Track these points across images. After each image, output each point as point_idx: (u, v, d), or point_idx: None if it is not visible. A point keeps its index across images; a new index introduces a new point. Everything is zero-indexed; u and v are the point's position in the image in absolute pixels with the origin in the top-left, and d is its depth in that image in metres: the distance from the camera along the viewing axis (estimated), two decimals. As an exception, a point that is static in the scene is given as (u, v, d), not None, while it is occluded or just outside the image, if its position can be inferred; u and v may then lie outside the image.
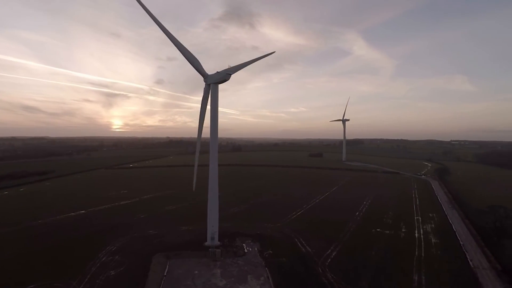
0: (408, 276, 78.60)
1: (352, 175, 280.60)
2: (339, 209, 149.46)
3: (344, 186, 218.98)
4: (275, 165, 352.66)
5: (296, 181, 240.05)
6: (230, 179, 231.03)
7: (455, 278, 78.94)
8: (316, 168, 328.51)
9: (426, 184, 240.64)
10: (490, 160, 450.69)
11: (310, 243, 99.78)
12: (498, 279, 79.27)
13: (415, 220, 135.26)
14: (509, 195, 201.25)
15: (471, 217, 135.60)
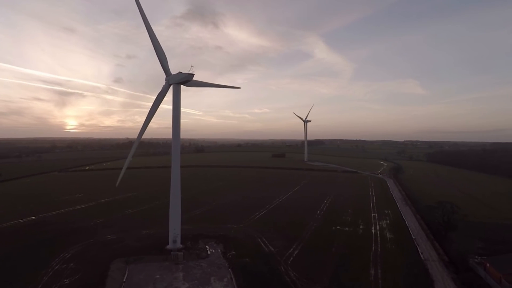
0: (366, 271, 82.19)
1: (313, 175, 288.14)
2: (301, 208, 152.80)
3: (306, 186, 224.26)
4: (238, 166, 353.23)
5: (259, 181, 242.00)
6: (193, 181, 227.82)
7: (408, 270, 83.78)
8: (279, 169, 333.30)
9: (382, 182, 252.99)
10: (438, 159, 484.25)
11: (273, 243, 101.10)
12: (445, 270, 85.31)
13: (372, 217, 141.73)
14: (455, 191, 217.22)
15: (422, 212, 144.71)
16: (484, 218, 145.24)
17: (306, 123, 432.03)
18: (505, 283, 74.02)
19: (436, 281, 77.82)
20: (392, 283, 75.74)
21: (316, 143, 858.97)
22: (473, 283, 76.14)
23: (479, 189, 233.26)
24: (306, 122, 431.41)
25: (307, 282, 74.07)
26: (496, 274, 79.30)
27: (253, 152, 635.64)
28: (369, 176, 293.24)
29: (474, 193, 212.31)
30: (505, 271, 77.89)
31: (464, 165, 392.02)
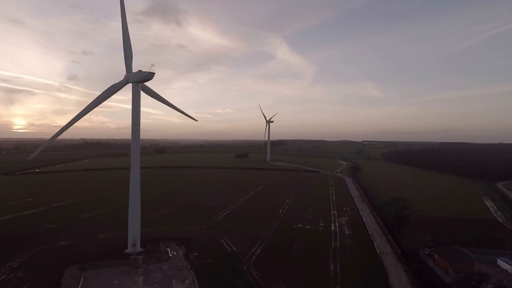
0: (326, 266, 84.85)
1: (276, 175, 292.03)
2: (264, 207, 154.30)
3: (269, 185, 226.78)
4: (201, 166, 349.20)
5: (222, 182, 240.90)
6: (153, 182, 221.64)
7: (364, 264, 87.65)
8: (242, 169, 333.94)
9: (341, 181, 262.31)
10: (393, 158, 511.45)
11: (236, 243, 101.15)
12: (399, 262, 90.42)
13: (331, 214, 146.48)
14: (408, 188, 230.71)
15: (378, 209, 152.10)
16: (433, 212, 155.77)
17: (269, 123, 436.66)
18: (451, 272, 79.83)
19: (390, 273, 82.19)
20: (350, 277, 78.85)
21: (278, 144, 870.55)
22: (423, 273, 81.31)
23: (429, 185, 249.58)
24: (269, 122, 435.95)
25: (270, 280, 74.97)
26: (443, 264, 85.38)
27: (216, 153, 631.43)
28: (329, 175, 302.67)
29: (424, 190, 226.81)
30: (451, 261, 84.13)
31: (415, 163, 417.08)
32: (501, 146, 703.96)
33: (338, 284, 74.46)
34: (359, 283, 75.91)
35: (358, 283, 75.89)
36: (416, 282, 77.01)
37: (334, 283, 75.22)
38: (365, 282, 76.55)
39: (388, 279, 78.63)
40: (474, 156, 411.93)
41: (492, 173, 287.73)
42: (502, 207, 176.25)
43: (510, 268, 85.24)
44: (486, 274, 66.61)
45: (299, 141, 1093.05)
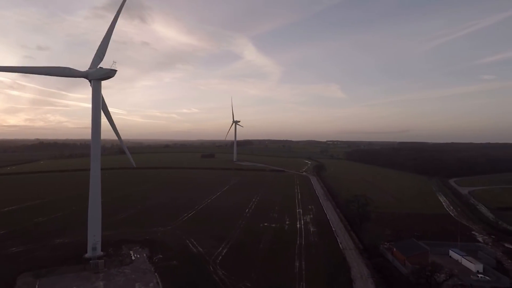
0: (291, 263, 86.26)
1: (242, 174, 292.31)
2: (230, 207, 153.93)
3: (235, 185, 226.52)
4: (166, 167, 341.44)
5: (188, 182, 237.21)
6: (115, 184, 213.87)
7: (328, 259, 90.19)
8: (208, 169, 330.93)
9: (306, 180, 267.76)
10: (355, 157, 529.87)
11: (202, 243, 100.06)
12: (360, 257, 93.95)
13: (297, 212, 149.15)
14: (369, 185, 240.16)
15: (341, 206, 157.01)
16: (392, 208, 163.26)
17: (235, 123, 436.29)
18: (408, 264, 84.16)
19: (352, 267, 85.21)
20: (314, 272, 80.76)
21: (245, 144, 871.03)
22: (382, 266, 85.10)
23: (388, 183, 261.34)
24: (235, 122, 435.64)
25: (236, 279, 74.94)
26: (401, 257, 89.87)
27: (182, 153, 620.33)
28: (294, 174, 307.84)
29: (384, 187, 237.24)
30: (408, 254, 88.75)
31: (376, 162, 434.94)
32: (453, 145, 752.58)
33: (303, 280, 75.99)
34: (323, 278, 77.92)
35: (322, 278, 77.88)
36: (377, 275, 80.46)
37: (299, 279, 76.67)
38: (329, 277, 78.74)
39: (351, 273, 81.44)
40: (430, 154, 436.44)
41: (445, 170, 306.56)
42: (453, 202, 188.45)
43: (460, 258, 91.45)
44: (439, 264, 70.86)
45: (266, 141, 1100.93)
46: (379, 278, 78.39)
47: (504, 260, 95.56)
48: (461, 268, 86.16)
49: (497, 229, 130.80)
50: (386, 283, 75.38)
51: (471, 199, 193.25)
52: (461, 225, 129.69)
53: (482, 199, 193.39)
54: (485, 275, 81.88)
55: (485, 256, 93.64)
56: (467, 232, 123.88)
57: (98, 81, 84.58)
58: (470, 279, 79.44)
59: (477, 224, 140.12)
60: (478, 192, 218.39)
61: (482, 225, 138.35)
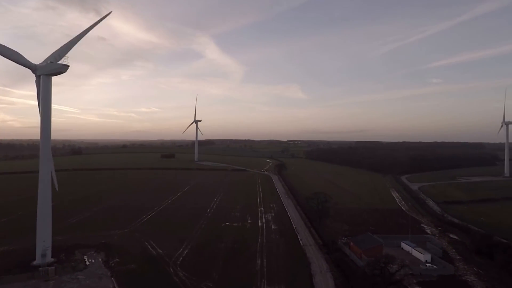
0: (253, 261, 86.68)
1: (204, 174, 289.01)
2: (191, 208, 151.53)
3: (196, 185, 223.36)
4: (124, 168, 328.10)
5: (147, 183, 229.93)
6: (68, 186, 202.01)
7: (289, 256, 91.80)
8: (168, 169, 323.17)
9: (268, 179, 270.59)
10: (315, 156, 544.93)
11: (162, 245, 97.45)
12: (320, 252, 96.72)
13: (259, 211, 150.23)
14: (328, 183, 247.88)
15: (301, 203, 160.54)
16: (350, 204, 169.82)
17: (196, 122, 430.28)
18: (364, 257, 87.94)
19: (312, 263, 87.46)
20: (276, 269, 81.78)
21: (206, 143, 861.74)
22: (341, 260, 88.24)
23: (346, 180, 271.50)
24: (196, 122, 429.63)
25: (197, 280, 73.89)
26: (357, 251, 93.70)
27: (141, 153, 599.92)
28: (256, 173, 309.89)
29: (342, 184, 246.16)
30: (364, 247, 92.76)
31: (335, 160, 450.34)
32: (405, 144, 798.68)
33: (265, 278, 76.67)
34: (284, 274, 79.11)
35: (283, 274, 79.04)
36: (335, 268, 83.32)
37: (261, 276, 77.24)
38: (290, 273, 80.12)
39: (311, 269, 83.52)
40: (384, 153, 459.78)
41: (397, 168, 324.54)
42: (405, 197, 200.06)
43: (411, 249, 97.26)
44: (392, 256, 74.73)
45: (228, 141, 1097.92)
46: (337, 272, 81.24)
47: (449, 250, 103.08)
48: (412, 258, 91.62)
49: (443, 221, 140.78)
50: (344, 276, 78.28)
51: (420, 194, 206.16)
52: (412, 219, 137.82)
53: (430, 194, 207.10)
54: (432, 264, 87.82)
55: (432, 247, 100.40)
56: (417, 225, 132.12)
57: (48, 76, 79.46)
58: (420, 268, 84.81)
59: (425, 217, 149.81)
60: (427, 188, 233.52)
61: (430, 218, 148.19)
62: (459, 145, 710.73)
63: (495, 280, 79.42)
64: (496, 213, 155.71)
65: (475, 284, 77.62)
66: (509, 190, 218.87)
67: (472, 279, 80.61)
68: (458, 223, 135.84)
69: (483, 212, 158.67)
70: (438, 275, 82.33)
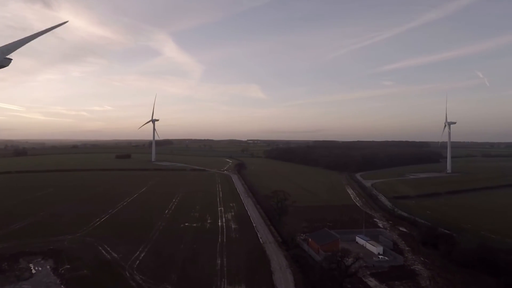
0: (213, 261, 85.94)
1: (161, 175, 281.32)
2: (149, 209, 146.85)
3: (154, 186, 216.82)
4: (73, 169, 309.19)
5: (100, 185, 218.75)
6: (10, 189, 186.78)
7: (249, 254, 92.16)
8: (123, 170, 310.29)
9: (227, 178, 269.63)
10: (274, 155, 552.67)
11: (117, 249, 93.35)
12: (279, 249, 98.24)
13: (218, 210, 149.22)
14: (287, 181, 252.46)
15: (261, 202, 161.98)
16: (308, 202, 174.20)
17: (154, 122, 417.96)
18: (321, 252, 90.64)
19: (272, 260, 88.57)
20: (236, 268, 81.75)
21: (164, 143, 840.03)
22: (299, 256, 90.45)
23: (304, 178, 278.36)
24: (154, 121, 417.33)
25: (155, 283, 71.76)
26: (315, 246, 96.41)
27: (93, 154, 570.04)
28: (216, 173, 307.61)
29: (300, 182, 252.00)
30: (321, 243, 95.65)
31: (293, 159, 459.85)
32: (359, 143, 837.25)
33: (225, 277, 76.33)
34: (244, 272, 79.34)
35: (243, 272, 79.24)
36: (294, 265, 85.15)
37: (221, 276, 76.80)
38: (250, 271, 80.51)
39: (270, 266, 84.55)
40: (340, 152, 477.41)
41: (352, 165, 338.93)
42: (359, 193, 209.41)
43: (365, 243, 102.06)
44: (347, 249, 77.86)
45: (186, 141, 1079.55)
46: (296, 268, 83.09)
47: (399, 242, 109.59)
48: (366, 251, 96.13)
49: (394, 215, 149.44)
50: (302, 271, 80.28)
51: (373, 191, 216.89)
52: (366, 214, 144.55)
53: (382, 190, 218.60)
54: (384, 256, 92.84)
55: (384, 240, 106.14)
56: (370, 220, 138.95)
57: (-14, 70, 72.54)
58: (373, 260, 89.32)
59: (378, 212, 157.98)
60: (379, 184, 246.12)
61: (382, 212, 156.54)
62: (407, 144, 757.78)
63: (439, 268, 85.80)
64: (440, 207, 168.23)
65: (422, 272, 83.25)
66: (451, 185, 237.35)
67: (419, 268, 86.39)
68: (407, 216, 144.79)
69: (429, 205, 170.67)
70: (389, 266, 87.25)
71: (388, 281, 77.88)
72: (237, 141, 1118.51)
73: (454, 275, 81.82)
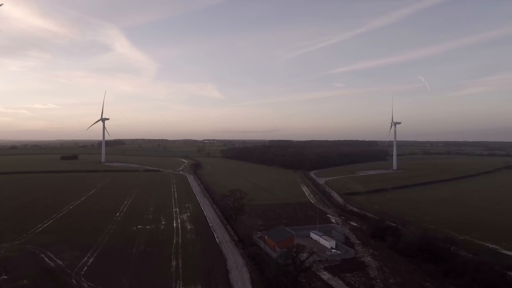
0: (167, 263, 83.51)
1: (112, 176, 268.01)
2: (98, 212, 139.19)
3: (104, 188, 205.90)
4: (11, 171, 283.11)
5: (41, 187, 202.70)
6: None
7: (205, 255, 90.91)
8: (69, 172, 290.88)
9: (183, 179, 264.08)
10: (231, 154, 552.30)
11: (62, 255, 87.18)
12: (236, 248, 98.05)
13: (173, 211, 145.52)
14: (244, 180, 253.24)
15: (218, 202, 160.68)
16: (264, 200, 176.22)
17: (103, 121, 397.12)
18: (277, 249, 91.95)
19: (228, 259, 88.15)
20: (191, 269, 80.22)
21: (115, 143, 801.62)
22: (256, 254, 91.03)
23: (260, 177, 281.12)
24: (103, 120, 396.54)
25: (104, 289, 68.00)
26: (271, 244, 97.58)
27: (35, 155, 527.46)
28: (171, 173, 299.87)
29: (257, 181, 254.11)
30: (277, 240, 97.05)
31: (250, 159, 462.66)
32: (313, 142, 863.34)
33: (180, 278, 74.55)
34: (200, 273, 78.08)
35: (199, 273, 77.96)
36: (251, 262, 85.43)
37: (176, 278, 74.88)
38: (206, 271, 79.36)
39: (227, 265, 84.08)
40: (295, 151, 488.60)
41: (307, 164, 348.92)
42: (314, 191, 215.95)
43: (319, 238, 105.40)
44: (302, 245, 79.69)
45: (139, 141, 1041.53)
46: (252, 266, 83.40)
47: (351, 236, 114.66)
48: (320, 246, 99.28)
49: (345, 211, 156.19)
50: (259, 269, 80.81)
51: (326, 188, 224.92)
52: (319, 210, 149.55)
53: (334, 187, 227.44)
54: (337, 249, 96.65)
55: (337, 234, 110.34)
56: (324, 216, 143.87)
57: None
58: (326, 254, 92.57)
59: (331, 208, 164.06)
60: (331, 182, 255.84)
61: (334, 208, 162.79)
62: (358, 143, 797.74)
63: (387, 259, 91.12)
64: (387, 201, 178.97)
65: (371, 263, 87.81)
66: (396, 181, 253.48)
67: (368, 259, 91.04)
68: (358, 211, 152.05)
69: (377, 200, 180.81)
70: (341, 259, 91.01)
71: (340, 273, 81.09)
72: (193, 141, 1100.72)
73: (399, 264, 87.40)
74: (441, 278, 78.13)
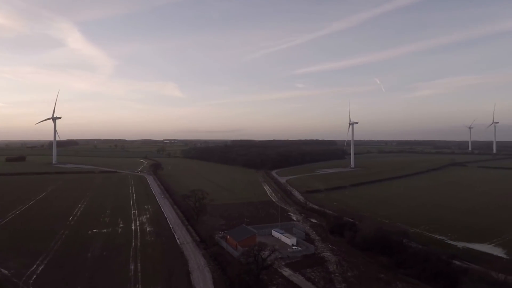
0: (125, 267, 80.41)
1: (64, 178, 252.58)
2: (48, 217, 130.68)
3: (55, 191, 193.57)
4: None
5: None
6: None
7: (165, 257, 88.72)
8: (16, 175, 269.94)
9: (142, 180, 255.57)
10: (192, 154, 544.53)
11: (7, 264, 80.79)
12: (197, 248, 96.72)
13: (132, 214, 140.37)
14: (205, 180, 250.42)
15: (178, 202, 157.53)
16: (226, 200, 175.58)
17: (55, 120, 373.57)
18: (239, 248, 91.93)
19: (190, 260, 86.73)
20: (151, 272, 77.88)
21: (68, 144, 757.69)
22: (218, 254, 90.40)
23: (222, 177, 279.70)
24: (55, 119, 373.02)
25: (56, 298, 63.98)
26: (233, 243, 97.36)
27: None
28: (129, 174, 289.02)
29: (218, 181, 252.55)
30: (239, 239, 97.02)
31: (212, 158, 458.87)
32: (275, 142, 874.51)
33: (139, 282, 72.15)
34: (161, 275, 76.09)
35: (159, 276, 75.94)
36: (212, 263, 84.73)
37: (134, 282, 72.34)
38: (167, 274, 77.50)
39: (188, 266, 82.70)
40: (257, 150, 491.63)
41: (269, 163, 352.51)
42: (275, 189, 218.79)
43: (280, 235, 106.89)
44: (264, 243, 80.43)
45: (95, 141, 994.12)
46: (214, 266, 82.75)
47: (311, 232, 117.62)
48: (281, 243, 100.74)
49: (306, 208, 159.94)
50: (221, 268, 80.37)
51: (287, 186, 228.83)
52: (281, 209, 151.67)
53: (295, 186, 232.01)
54: (298, 246, 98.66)
55: (298, 231, 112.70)
56: (285, 214, 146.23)
57: None
58: (287, 251, 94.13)
59: (292, 206, 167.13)
60: (293, 180, 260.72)
61: (295, 206, 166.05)
62: (318, 142, 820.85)
63: (345, 253, 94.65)
64: (345, 198, 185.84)
65: (330, 258, 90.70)
66: (354, 178, 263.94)
67: (328, 254, 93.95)
68: (317, 209, 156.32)
69: (336, 198, 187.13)
70: (302, 255, 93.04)
71: (301, 269, 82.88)
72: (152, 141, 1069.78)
73: (357, 258, 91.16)
74: (394, 269, 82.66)
